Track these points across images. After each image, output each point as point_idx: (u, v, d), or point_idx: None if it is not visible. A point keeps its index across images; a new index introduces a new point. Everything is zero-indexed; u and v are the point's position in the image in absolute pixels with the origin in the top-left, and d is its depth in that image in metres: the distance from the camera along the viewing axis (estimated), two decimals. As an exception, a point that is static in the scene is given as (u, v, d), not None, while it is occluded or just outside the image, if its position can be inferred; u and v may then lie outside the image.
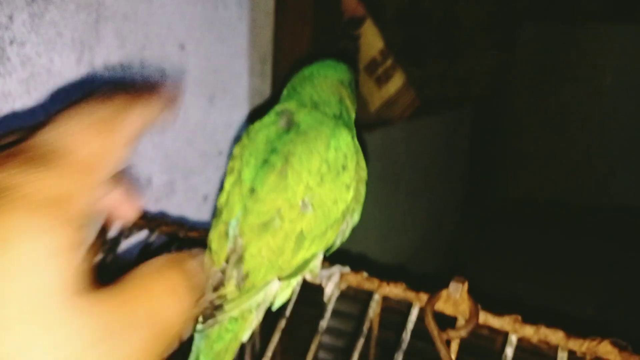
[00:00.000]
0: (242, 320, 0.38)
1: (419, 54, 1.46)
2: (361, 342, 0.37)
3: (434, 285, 0.38)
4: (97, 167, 0.20)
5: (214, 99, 0.89)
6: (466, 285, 0.37)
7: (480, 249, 2.20)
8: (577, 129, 2.39)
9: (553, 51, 2.32)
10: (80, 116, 0.20)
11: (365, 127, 1.26)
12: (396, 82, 0.95)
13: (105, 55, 0.69)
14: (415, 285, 0.40)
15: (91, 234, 0.50)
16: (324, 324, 0.38)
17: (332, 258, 0.45)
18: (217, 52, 0.88)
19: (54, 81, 0.63)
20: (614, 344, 0.33)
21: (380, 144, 1.45)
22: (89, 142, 0.20)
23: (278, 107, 0.44)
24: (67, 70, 0.65)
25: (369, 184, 0.46)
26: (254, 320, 0.39)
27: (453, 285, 0.36)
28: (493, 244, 2.25)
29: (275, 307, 0.41)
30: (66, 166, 0.18)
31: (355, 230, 1.59)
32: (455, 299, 0.36)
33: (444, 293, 0.36)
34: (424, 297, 0.38)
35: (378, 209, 1.51)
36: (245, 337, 0.38)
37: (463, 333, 0.35)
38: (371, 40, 0.92)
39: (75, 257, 0.17)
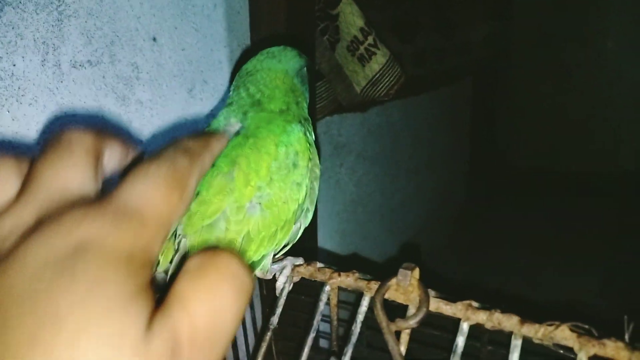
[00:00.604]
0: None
1: (412, 29, 1.42)
2: (311, 336, 0.35)
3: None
4: (171, 220, 0.22)
5: (193, 91, 0.88)
6: (416, 272, 0.35)
7: (487, 221, 2.18)
8: (580, 94, 2.32)
9: (552, 16, 2.25)
10: (158, 171, 0.23)
11: (358, 108, 1.24)
12: (379, 59, 0.92)
13: (72, 54, 0.68)
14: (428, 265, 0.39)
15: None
16: (274, 319, 0.37)
17: (327, 241, 0.44)
18: (192, 43, 0.86)
19: (19, 84, 0.63)
20: (573, 329, 0.31)
21: (376, 123, 1.42)
22: (166, 200, 0.22)
23: (225, 111, 0.42)
24: (32, 72, 0.64)
25: (367, 165, 0.44)
26: None
27: (402, 273, 0.34)
28: (499, 216, 2.22)
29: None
30: (147, 222, 0.21)
31: (355, 212, 1.57)
32: (405, 287, 0.34)
33: (393, 281, 0.35)
34: (374, 286, 0.36)
35: (379, 191, 1.48)
36: None
37: (412, 323, 0.33)
38: (350, 19, 0.89)
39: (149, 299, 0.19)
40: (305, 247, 0.98)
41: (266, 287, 0.80)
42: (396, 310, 0.36)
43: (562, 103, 2.35)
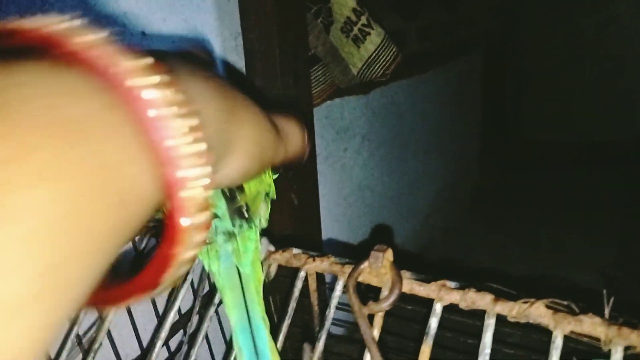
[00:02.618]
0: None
1: (415, 6, 1.39)
2: (286, 323, 0.35)
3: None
4: None
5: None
6: (389, 253, 0.34)
7: (503, 197, 2.14)
8: (593, 62, 2.24)
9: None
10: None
11: (360, 90, 1.22)
12: (374, 39, 0.90)
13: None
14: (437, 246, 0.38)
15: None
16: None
17: (343, 218, 0.43)
18: (182, 35, 0.85)
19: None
20: (550, 306, 0.30)
21: (381, 104, 1.40)
22: None
23: None
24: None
25: (372, 148, 0.42)
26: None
27: (373, 255, 0.34)
28: (515, 192, 2.18)
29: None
30: None
31: (363, 197, 1.56)
32: (377, 269, 0.33)
33: (365, 264, 0.34)
34: (349, 270, 0.35)
35: (387, 174, 1.47)
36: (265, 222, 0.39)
37: (385, 306, 0.32)
38: (342, 0, 0.87)
39: None
40: (307, 233, 0.98)
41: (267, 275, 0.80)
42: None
43: (575, 72, 2.28)
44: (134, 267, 0.47)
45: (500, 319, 0.50)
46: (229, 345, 0.76)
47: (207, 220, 0.20)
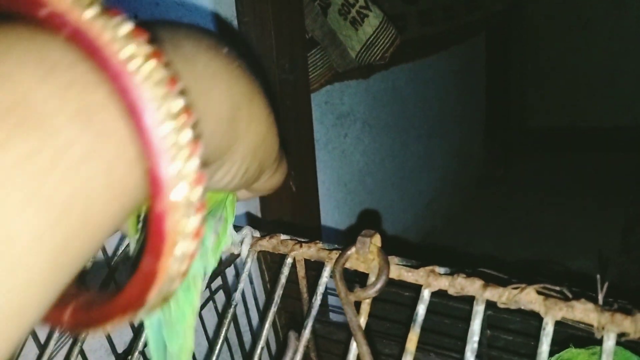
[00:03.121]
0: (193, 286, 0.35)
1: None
2: (273, 310, 0.34)
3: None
4: None
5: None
6: (376, 238, 0.33)
7: (507, 183, 2.13)
8: (598, 46, 2.20)
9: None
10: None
11: (360, 74, 1.20)
12: (372, 21, 0.88)
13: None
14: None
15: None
16: (237, 295, 0.36)
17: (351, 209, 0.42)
18: (176, 18, 0.84)
19: None
20: (541, 291, 0.29)
21: (382, 89, 1.38)
22: None
23: None
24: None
25: (373, 134, 0.40)
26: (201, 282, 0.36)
27: (360, 241, 0.33)
28: (519, 177, 2.16)
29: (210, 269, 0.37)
30: None
31: (364, 183, 1.55)
32: (364, 255, 0.33)
33: (352, 250, 0.33)
34: (335, 256, 0.34)
35: (388, 159, 1.45)
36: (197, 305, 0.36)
37: (371, 292, 0.31)
38: (338, -20, 0.85)
39: None
40: (306, 219, 0.97)
41: (265, 263, 0.80)
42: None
43: (580, 56, 2.24)
44: (105, 283, 0.45)
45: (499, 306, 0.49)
46: (211, 344, 0.76)
47: (199, 226, 0.17)
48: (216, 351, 0.36)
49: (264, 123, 0.25)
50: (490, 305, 0.38)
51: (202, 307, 0.70)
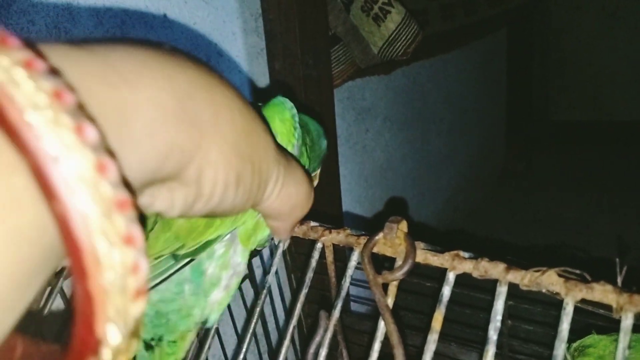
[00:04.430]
0: (180, 341, 0.36)
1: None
2: (304, 292, 0.36)
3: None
4: None
5: (208, 63, 0.89)
6: (403, 224, 0.35)
7: (529, 178, 2.11)
8: (623, 38, 2.16)
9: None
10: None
11: (382, 70, 1.21)
12: (394, 17, 0.89)
13: (83, 36, 0.70)
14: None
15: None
16: (270, 277, 0.38)
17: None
18: (203, 16, 0.86)
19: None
20: (561, 274, 0.30)
21: (403, 85, 1.39)
22: None
23: None
24: (48, 56, 0.66)
25: (394, 129, 0.41)
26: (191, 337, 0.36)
27: (388, 226, 0.34)
28: (542, 172, 2.14)
29: (212, 321, 0.37)
30: None
31: (385, 178, 1.56)
32: (392, 240, 0.34)
33: (380, 235, 0.35)
34: (364, 241, 0.36)
35: (409, 155, 1.46)
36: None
37: (399, 275, 0.33)
38: (361, -23, 0.86)
39: None
40: (328, 214, 0.99)
41: (289, 253, 0.82)
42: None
43: (605, 49, 2.21)
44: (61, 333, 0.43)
45: (520, 296, 0.50)
46: (240, 339, 0.78)
47: (136, 320, 0.14)
48: (248, 335, 0.37)
49: (236, 110, 0.22)
50: (511, 295, 0.39)
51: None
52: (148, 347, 0.35)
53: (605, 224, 1.69)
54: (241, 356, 0.36)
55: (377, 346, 0.32)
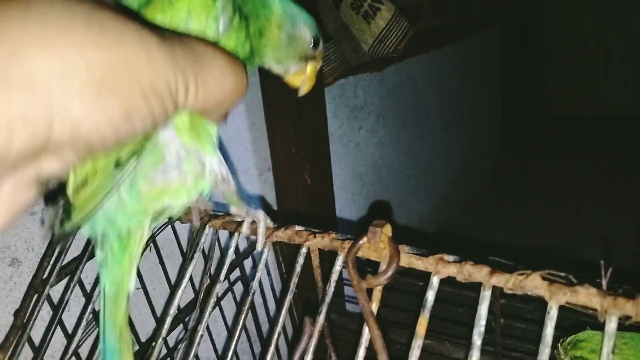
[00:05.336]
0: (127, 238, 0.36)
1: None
2: (288, 298, 0.36)
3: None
4: None
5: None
6: (387, 228, 0.34)
7: (524, 173, 2.11)
8: (619, 33, 2.16)
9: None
10: None
11: (373, 68, 1.20)
12: (384, 14, 0.88)
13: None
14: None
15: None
16: (254, 284, 0.37)
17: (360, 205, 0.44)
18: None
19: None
20: (546, 277, 0.30)
21: (396, 81, 1.38)
22: None
23: None
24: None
25: (388, 126, 0.40)
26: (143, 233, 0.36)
27: (371, 230, 0.34)
28: (537, 167, 2.14)
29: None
30: None
31: (379, 175, 1.55)
32: (375, 244, 0.34)
33: (364, 239, 0.34)
34: (348, 245, 0.35)
35: (403, 151, 1.46)
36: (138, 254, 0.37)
37: (382, 280, 0.33)
38: (350, -26, 0.86)
39: None
40: (321, 214, 0.99)
41: (282, 255, 0.81)
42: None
43: (600, 44, 2.20)
44: None
45: (513, 294, 0.50)
46: (230, 333, 0.77)
47: None
48: (235, 338, 0.37)
49: (94, 47, 0.19)
50: (504, 293, 0.39)
51: (221, 298, 0.72)
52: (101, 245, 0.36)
53: (599, 218, 1.69)
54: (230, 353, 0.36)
55: (361, 352, 0.32)
